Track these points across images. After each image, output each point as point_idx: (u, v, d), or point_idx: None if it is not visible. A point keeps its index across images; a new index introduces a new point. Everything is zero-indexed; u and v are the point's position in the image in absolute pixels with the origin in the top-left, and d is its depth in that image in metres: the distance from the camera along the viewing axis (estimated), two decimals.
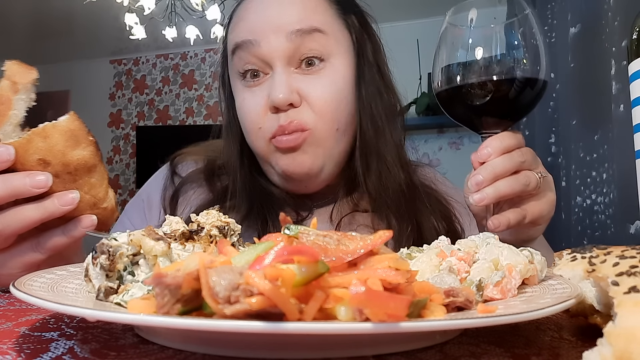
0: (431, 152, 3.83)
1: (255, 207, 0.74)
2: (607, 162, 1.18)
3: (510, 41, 0.55)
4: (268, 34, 0.69)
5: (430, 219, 0.77)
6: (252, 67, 0.71)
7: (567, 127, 1.39)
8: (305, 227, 0.33)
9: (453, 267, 0.40)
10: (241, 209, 0.74)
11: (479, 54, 0.54)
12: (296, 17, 0.70)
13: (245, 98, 0.72)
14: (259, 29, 0.69)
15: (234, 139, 0.78)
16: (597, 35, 1.19)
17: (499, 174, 0.55)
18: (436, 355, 0.31)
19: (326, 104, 0.70)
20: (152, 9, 2.78)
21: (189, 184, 0.81)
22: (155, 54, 4.92)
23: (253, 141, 0.73)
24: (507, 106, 0.56)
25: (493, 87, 0.54)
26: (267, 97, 0.69)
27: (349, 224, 0.77)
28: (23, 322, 0.39)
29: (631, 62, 0.48)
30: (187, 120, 4.78)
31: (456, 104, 0.58)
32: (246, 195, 0.75)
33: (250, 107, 0.71)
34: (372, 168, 0.75)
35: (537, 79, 0.55)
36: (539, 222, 0.61)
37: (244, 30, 0.71)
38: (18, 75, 0.49)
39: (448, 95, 0.58)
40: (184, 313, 0.27)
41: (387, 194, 0.75)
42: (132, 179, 4.87)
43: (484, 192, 0.55)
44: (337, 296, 0.28)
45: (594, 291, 0.35)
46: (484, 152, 0.56)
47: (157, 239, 0.39)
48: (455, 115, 0.60)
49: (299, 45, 0.69)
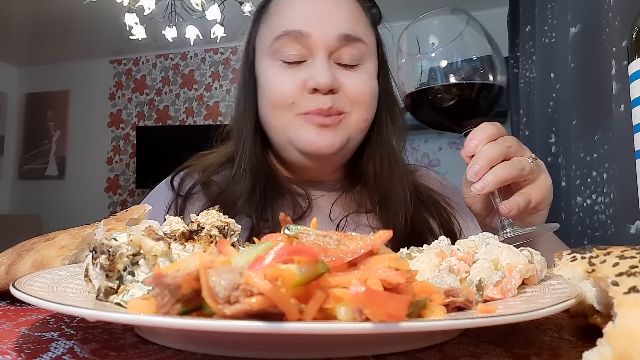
0: (431, 152, 3.83)
1: (258, 185, 0.77)
2: (607, 162, 1.18)
3: (464, 52, 0.61)
4: (319, 29, 0.74)
5: (429, 220, 0.80)
6: (296, 54, 0.75)
7: (567, 127, 1.39)
8: (305, 227, 0.33)
9: (453, 267, 0.40)
10: (243, 183, 0.77)
11: (439, 69, 0.61)
12: (345, 21, 0.76)
13: (282, 76, 0.76)
14: (310, 22, 0.75)
15: (249, 113, 0.81)
16: (597, 35, 1.19)
17: (492, 159, 0.57)
18: (436, 355, 0.31)
19: (362, 95, 0.76)
20: (152, 9, 2.78)
21: (189, 199, 0.82)
22: (155, 54, 4.92)
23: (279, 114, 0.76)
24: (475, 105, 0.61)
25: (458, 91, 0.60)
26: (306, 78, 0.74)
27: (352, 223, 0.78)
28: (23, 322, 0.39)
29: (631, 62, 0.48)
30: (187, 120, 4.79)
31: (429, 113, 0.64)
32: (251, 170, 0.78)
33: (285, 83, 0.75)
34: (384, 166, 0.80)
35: (495, 76, 0.61)
36: (541, 206, 0.62)
37: (294, 20, 0.76)
38: None
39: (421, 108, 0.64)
40: (184, 313, 0.27)
41: (394, 194, 0.78)
42: (132, 179, 4.87)
43: (484, 180, 0.57)
44: (337, 296, 0.28)
45: (594, 291, 0.35)
46: (471, 145, 0.59)
47: (157, 239, 0.39)
48: (434, 123, 0.65)
49: (343, 48, 0.75)
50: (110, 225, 0.48)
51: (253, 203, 0.76)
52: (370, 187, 0.81)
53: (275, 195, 0.78)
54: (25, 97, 5.38)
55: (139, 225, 0.47)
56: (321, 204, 0.81)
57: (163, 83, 4.91)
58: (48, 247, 0.52)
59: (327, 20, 0.75)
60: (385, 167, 0.81)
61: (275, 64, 0.77)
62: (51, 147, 5.22)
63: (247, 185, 0.77)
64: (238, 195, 0.77)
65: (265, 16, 0.82)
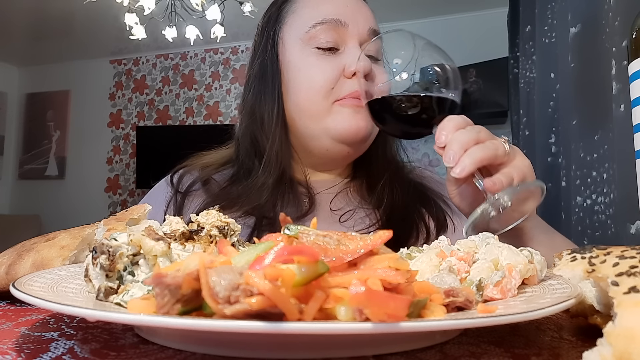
0: (431, 152, 3.83)
1: (286, 172, 0.80)
2: (607, 162, 1.18)
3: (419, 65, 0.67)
4: (354, 21, 0.80)
5: (425, 217, 0.81)
6: (332, 41, 0.79)
7: (567, 127, 1.39)
8: (305, 227, 0.33)
9: (453, 267, 0.40)
10: (273, 171, 0.79)
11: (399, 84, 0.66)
12: (372, 18, 0.83)
13: (322, 63, 0.79)
14: (345, 14, 0.80)
15: (274, 104, 0.82)
16: (597, 35, 1.19)
17: (464, 142, 0.58)
18: (436, 355, 0.31)
19: (387, 84, 0.78)
20: (152, 9, 2.78)
21: (188, 196, 0.83)
22: (155, 54, 4.92)
23: (318, 101, 0.78)
24: (434, 109, 0.64)
25: (419, 101, 0.64)
26: (343, 65, 0.78)
27: (353, 217, 0.80)
28: (23, 322, 0.39)
29: (631, 62, 0.48)
30: (187, 120, 4.78)
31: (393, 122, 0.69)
32: (277, 159, 0.80)
33: (327, 69, 0.78)
34: (387, 164, 0.85)
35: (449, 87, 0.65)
36: None
37: (331, 10, 0.80)
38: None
39: (382, 115, 0.68)
40: (184, 313, 0.27)
41: (396, 190, 0.81)
42: (132, 179, 4.87)
43: (461, 162, 0.57)
44: (337, 296, 0.28)
45: (594, 291, 0.35)
46: (442, 135, 0.60)
47: (157, 239, 0.39)
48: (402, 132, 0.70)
49: (368, 40, 0.80)
50: (110, 225, 0.48)
51: (274, 194, 0.78)
52: (372, 182, 0.83)
53: (283, 192, 0.80)
54: (25, 97, 5.38)
55: (139, 225, 0.47)
56: (324, 198, 0.82)
57: (163, 83, 4.91)
58: (48, 248, 0.52)
59: (359, 14, 0.81)
60: (387, 164, 0.85)
61: (311, 52, 0.80)
62: (51, 147, 5.22)
63: (275, 176, 0.79)
64: (261, 185, 0.79)
65: (292, 9, 0.85)
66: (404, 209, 0.80)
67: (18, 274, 0.48)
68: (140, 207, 0.54)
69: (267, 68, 0.84)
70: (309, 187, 0.82)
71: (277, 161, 0.80)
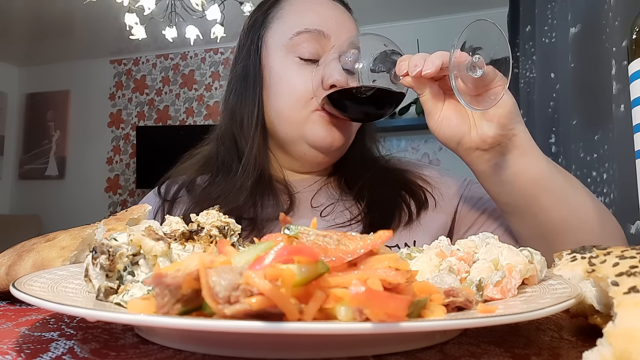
0: (431, 152, 3.83)
1: (265, 173, 0.81)
2: (607, 162, 1.18)
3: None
4: (336, 33, 0.81)
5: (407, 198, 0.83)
6: (313, 51, 0.80)
7: (567, 127, 1.39)
8: (305, 227, 0.33)
9: (453, 267, 0.40)
10: (251, 174, 0.80)
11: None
12: (353, 30, 0.84)
13: (303, 72, 0.80)
14: (329, 25, 0.81)
15: (255, 107, 0.84)
16: (597, 35, 1.19)
17: (424, 55, 0.60)
18: (436, 355, 0.31)
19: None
20: (152, 9, 2.78)
21: (175, 204, 0.85)
22: (155, 54, 4.91)
23: (299, 109, 0.79)
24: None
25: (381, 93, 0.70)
26: (324, 75, 0.78)
27: (334, 212, 0.81)
28: (23, 322, 0.39)
29: (631, 62, 0.48)
30: (187, 120, 4.78)
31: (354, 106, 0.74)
32: (255, 161, 0.81)
33: (307, 80, 0.79)
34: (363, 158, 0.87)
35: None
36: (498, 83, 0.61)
37: (315, 20, 0.81)
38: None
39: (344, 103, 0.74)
40: (184, 313, 0.27)
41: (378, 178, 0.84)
42: (132, 179, 4.86)
43: (427, 64, 0.58)
44: (337, 296, 0.28)
45: (594, 291, 0.35)
46: (401, 64, 0.61)
47: (157, 239, 0.39)
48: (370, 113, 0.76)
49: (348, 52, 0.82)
50: (110, 225, 0.48)
51: (253, 195, 0.79)
52: (351, 177, 0.85)
53: (262, 192, 0.81)
54: (25, 97, 5.38)
55: (139, 225, 0.47)
56: (304, 196, 0.84)
57: (163, 83, 4.91)
58: (48, 248, 0.52)
59: (342, 26, 0.82)
60: (364, 161, 0.87)
61: (293, 60, 0.80)
62: (51, 147, 5.21)
63: (254, 178, 0.80)
64: (239, 187, 0.80)
65: (278, 14, 0.85)
66: (384, 196, 0.81)
67: (18, 274, 0.48)
68: (140, 207, 0.54)
69: (250, 71, 0.85)
70: (288, 186, 0.84)
71: (255, 164, 0.81)
